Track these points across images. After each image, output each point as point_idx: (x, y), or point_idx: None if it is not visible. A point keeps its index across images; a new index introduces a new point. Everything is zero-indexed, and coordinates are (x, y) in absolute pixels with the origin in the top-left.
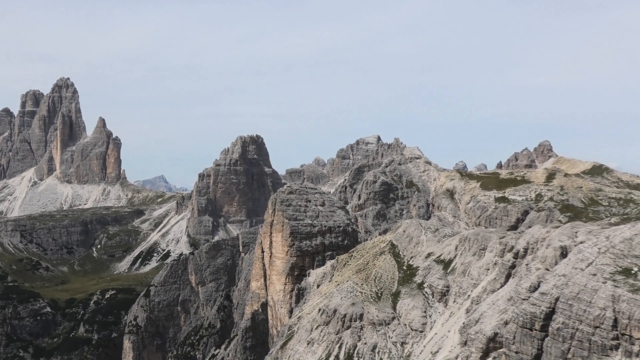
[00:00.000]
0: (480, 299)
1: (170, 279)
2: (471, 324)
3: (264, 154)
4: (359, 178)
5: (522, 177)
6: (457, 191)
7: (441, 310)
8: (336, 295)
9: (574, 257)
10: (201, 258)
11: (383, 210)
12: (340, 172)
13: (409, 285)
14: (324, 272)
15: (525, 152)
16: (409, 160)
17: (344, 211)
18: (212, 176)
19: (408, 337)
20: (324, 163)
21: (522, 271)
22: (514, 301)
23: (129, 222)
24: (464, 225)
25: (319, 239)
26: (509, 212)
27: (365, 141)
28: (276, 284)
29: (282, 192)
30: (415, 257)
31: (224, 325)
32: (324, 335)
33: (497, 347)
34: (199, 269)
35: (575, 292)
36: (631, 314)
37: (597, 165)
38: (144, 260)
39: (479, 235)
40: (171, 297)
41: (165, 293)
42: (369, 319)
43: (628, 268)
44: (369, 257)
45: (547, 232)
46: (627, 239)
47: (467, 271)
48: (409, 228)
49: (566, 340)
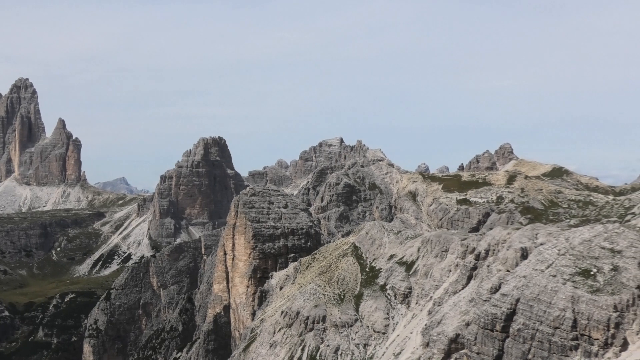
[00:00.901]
0: (442, 301)
1: (131, 282)
2: (433, 326)
3: (227, 155)
4: (322, 180)
5: (483, 179)
6: (419, 193)
7: (403, 311)
8: (299, 297)
9: (534, 258)
10: (163, 261)
11: (346, 212)
12: (303, 174)
13: (371, 287)
14: (286, 275)
15: (487, 154)
16: (372, 162)
17: (306, 213)
18: (174, 178)
19: (371, 338)
20: (286, 165)
21: (483, 273)
22: (476, 302)
23: (89, 224)
24: (426, 227)
25: (282, 241)
26: (471, 214)
27: (328, 143)
28: (239, 287)
29: (245, 194)
30: (377, 259)
31: (186, 329)
32: (287, 338)
33: (459, 348)
34: (161, 272)
35: (536, 293)
36: (590, 314)
37: (557, 167)
38: (104, 263)
39: (441, 237)
40: (132, 300)
41: (126, 296)
42: (332, 321)
43: (587, 269)
44: (331, 259)
45: (508, 234)
46: (586, 240)
47: (429, 273)
48: (371, 230)
49: (527, 341)
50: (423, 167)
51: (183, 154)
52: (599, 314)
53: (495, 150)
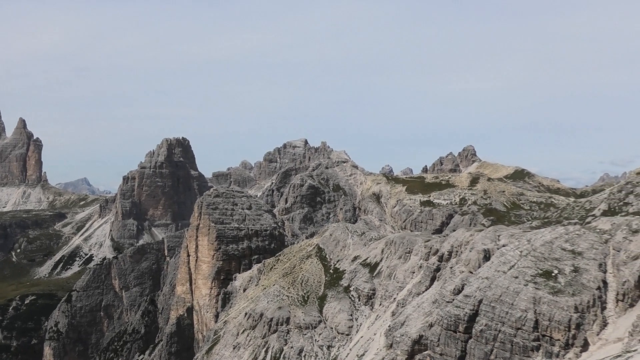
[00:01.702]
0: (406, 302)
1: (92, 284)
2: (397, 327)
3: (190, 156)
4: (286, 181)
5: (446, 181)
6: (383, 195)
7: (367, 313)
8: (263, 299)
9: (497, 260)
10: (125, 262)
11: (310, 214)
12: (267, 175)
13: (335, 288)
14: (250, 276)
15: (450, 156)
16: (336, 164)
17: (270, 215)
18: (137, 179)
19: (334, 340)
20: (251, 166)
21: (446, 274)
22: (439, 304)
23: (50, 225)
24: (390, 229)
25: (246, 243)
26: (434, 216)
27: (293, 144)
28: (202, 288)
29: (209, 195)
30: (341, 260)
31: (149, 331)
32: (250, 340)
33: (422, 349)
34: (123, 274)
35: (498, 294)
36: (551, 315)
37: (519, 169)
38: (65, 265)
39: (404, 239)
40: (94, 302)
41: (87, 298)
42: (296, 323)
43: (549, 270)
44: (295, 261)
45: (470, 235)
46: (547, 242)
47: (393, 274)
48: (335, 232)
49: (489, 342)
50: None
51: (146, 155)
52: (560, 314)
53: (458, 152)
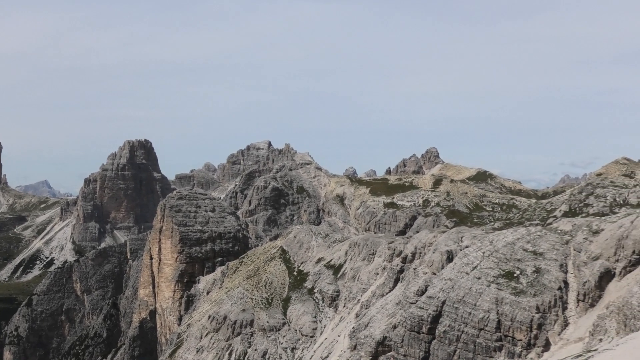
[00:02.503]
0: (370, 304)
1: (54, 288)
2: (361, 328)
3: (153, 158)
4: (250, 184)
5: (410, 183)
6: (347, 197)
7: (331, 315)
8: (226, 301)
9: (460, 261)
10: (87, 265)
11: (274, 216)
12: (230, 177)
13: (299, 290)
14: (214, 279)
15: (413, 158)
16: (300, 166)
17: (234, 217)
18: (99, 181)
19: (298, 342)
20: (214, 168)
21: (410, 275)
22: (402, 305)
23: (10, 228)
24: (353, 231)
25: (209, 245)
26: (398, 218)
27: (256, 146)
28: (165, 291)
29: (172, 197)
30: (305, 262)
31: (111, 334)
32: (214, 343)
33: (386, 350)
34: (85, 277)
35: (461, 295)
36: (514, 316)
37: (481, 171)
38: (26, 268)
39: (368, 241)
40: (55, 306)
41: (48, 302)
42: (260, 325)
43: (511, 271)
44: (259, 263)
45: (434, 237)
46: (509, 243)
47: (356, 276)
48: (299, 234)
49: (452, 343)
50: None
51: (108, 157)
52: (522, 315)
53: (421, 154)
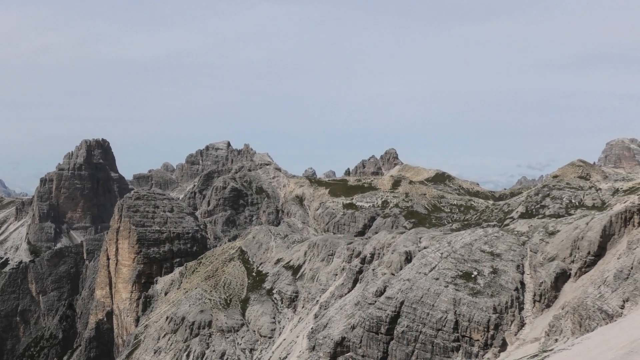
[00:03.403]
0: (329, 304)
1: (8, 288)
2: (319, 329)
3: (110, 158)
4: (209, 184)
5: (369, 184)
6: (306, 197)
7: (290, 315)
8: (184, 302)
9: (418, 262)
10: (42, 266)
11: (233, 217)
12: (189, 177)
13: (258, 291)
14: (172, 280)
15: (372, 159)
16: (259, 166)
17: (193, 217)
18: (55, 181)
19: (257, 343)
20: (172, 168)
21: (368, 276)
22: (361, 306)
23: None
24: (312, 232)
25: (167, 246)
26: (357, 219)
27: (215, 147)
28: (122, 292)
29: (129, 197)
30: (264, 263)
31: (67, 336)
32: (172, 344)
33: (345, 351)
34: (40, 278)
35: (419, 296)
36: (471, 316)
37: (439, 173)
38: None
39: (327, 241)
40: (9, 307)
41: (2, 303)
42: (218, 326)
43: (468, 272)
44: (218, 264)
45: (392, 237)
46: (467, 244)
47: (315, 277)
48: (258, 234)
49: (410, 343)
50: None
51: (64, 156)
52: (480, 315)
53: (380, 155)
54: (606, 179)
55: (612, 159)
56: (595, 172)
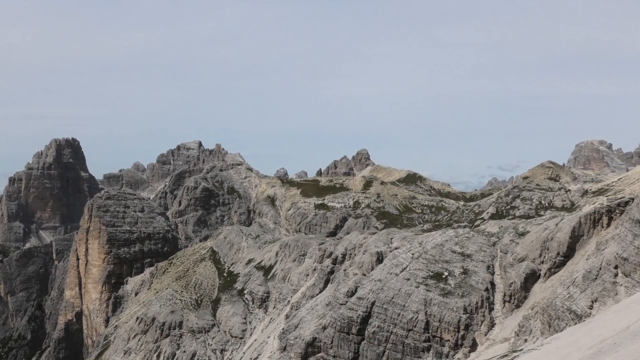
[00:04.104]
0: (300, 305)
1: None
2: (290, 330)
3: (80, 158)
4: (180, 184)
5: (340, 184)
6: (278, 198)
7: (261, 316)
8: (155, 303)
9: (389, 262)
10: (11, 266)
11: (204, 217)
12: (160, 177)
13: (229, 292)
14: (142, 280)
15: (344, 160)
16: (231, 166)
17: (164, 217)
18: (24, 180)
19: (228, 344)
20: (143, 168)
21: (340, 277)
22: (332, 306)
23: None
24: (284, 232)
25: (138, 246)
26: (328, 219)
27: (187, 147)
28: (92, 293)
29: (100, 197)
30: (236, 263)
31: (35, 337)
32: (142, 345)
33: (316, 351)
34: (9, 278)
35: (390, 296)
36: (442, 316)
37: (411, 173)
38: None
39: (299, 242)
40: None
41: None
42: (189, 327)
43: (439, 273)
44: (189, 264)
45: (364, 238)
46: (438, 244)
47: (287, 277)
48: (230, 234)
49: (381, 344)
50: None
51: (34, 156)
52: (450, 316)
53: (352, 156)
54: (575, 181)
55: (581, 160)
56: (564, 174)
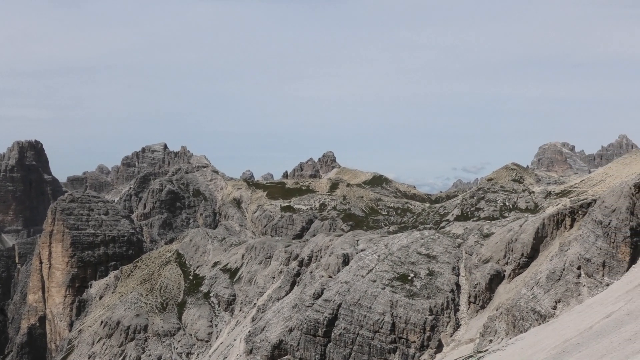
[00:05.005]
0: (266, 307)
1: None
2: (257, 332)
3: (44, 160)
4: (145, 186)
5: (307, 186)
6: (244, 200)
7: (227, 319)
8: (120, 306)
9: (355, 264)
10: None
11: (169, 219)
12: (125, 180)
13: (195, 295)
14: (107, 283)
15: (310, 162)
16: (196, 168)
17: (128, 220)
18: None
19: (194, 347)
20: (108, 171)
21: (306, 279)
22: (299, 308)
23: None
24: (250, 234)
25: (102, 249)
26: (294, 221)
27: (152, 149)
28: (55, 297)
29: (63, 200)
30: (201, 266)
31: None
32: (107, 349)
33: (282, 354)
34: None
35: (357, 298)
36: (407, 318)
37: (377, 175)
38: None
39: (265, 244)
40: None
41: None
42: (154, 330)
43: (405, 274)
44: (154, 267)
45: (330, 240)
46: (404, 246)
47: (253, 280)
48: (195, 237)
49: (347, 345)
50: (248, 174)
51: None
52: (416, 317)
53: (318, 158)
54: (539, 182)
55: (544, 162)
56: (528, 176)
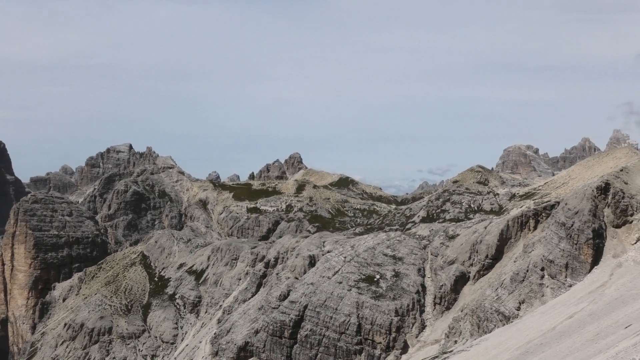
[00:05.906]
0: (232, 309)
1: None
2: (222, 334)
3: (6, 160)
4: (110, 187)
5: (273, 188)
6: (210, 201)
7: (193, 321)
8: (84, 309)
9: (322, 265)
10: None
11: (134, 221)
12: (89, 181)
13: (160, 296)
14: (70, 285)
15: (277, 163)
16: (162, 169)
17: (92, 221)
18: None
19: (159, 349)
20: (72, 171)
21: (272, 280)
22: (265, 310)
23: None
24: (216, 236)
25: (66, 251)
26: (261, 223)
27: (117, 149)
28: (18, 299)
29: (26, 201)
30: (167, 268)
31: None
32: (70, 351)
33: (248, 356)
34: None
35: (323, 299)
36: (373, 319)
37: (343, 177)
38: None
39: (231, 246)
40: None
41: None
42: (118, 333)
43: (371, 276)
44: (119, 269)
45: (296, 241)
46: (370, 248)
47: (219, 281)
48: (160, 239)
49: (314, 347)
50: (214, 175)
51: None
52: (382, 318)
53: (285, 159)
54: (503, 185)
55: (509, 164)
56: (493, 178)
